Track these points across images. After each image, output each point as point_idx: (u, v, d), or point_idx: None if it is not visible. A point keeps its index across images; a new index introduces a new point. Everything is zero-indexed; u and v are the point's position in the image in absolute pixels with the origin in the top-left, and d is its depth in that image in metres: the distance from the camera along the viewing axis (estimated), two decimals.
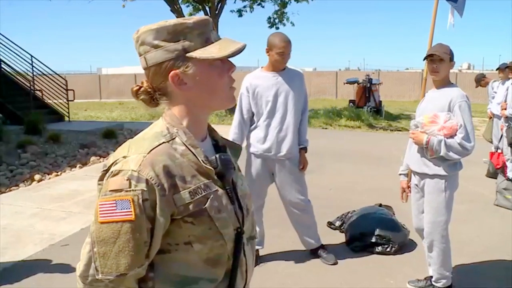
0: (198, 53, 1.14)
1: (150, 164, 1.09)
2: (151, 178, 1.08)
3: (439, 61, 3.17)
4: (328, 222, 4.85)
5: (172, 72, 1.15)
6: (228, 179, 1.23)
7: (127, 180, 1.08)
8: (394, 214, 4.79)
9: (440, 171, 3.19)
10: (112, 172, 1.11)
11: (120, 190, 1.07)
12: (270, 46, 3.67)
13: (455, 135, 3.10)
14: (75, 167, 8.17)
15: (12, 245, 4.45)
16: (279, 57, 3.65)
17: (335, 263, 4.01)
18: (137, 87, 1.24)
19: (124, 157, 1.13)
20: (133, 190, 1.07)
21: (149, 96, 1.23)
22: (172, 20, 1.16)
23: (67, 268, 3.80)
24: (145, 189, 1.07)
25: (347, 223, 4.59)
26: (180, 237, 1.14)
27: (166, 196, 1.09)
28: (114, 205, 1.07)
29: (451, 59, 3.21)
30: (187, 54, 1.14)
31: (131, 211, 1.06)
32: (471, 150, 3.11)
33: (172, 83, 1.16)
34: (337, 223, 4.82)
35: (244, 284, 1.31)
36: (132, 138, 1.23)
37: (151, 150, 1.12)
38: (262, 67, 3.90)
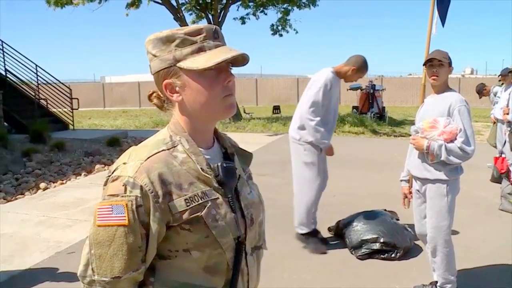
0: (186, 64, 1.15)
1: (145, 171, 1.11)
2: (145, 184, 1.10)
3: (438, 65, 3.21)
4: (329, 228, 4.85)
5: (164, 81, 1.19)
6: (230, 187, 1.23)
7: (123, 185, 1.11)
8: (398, 219, 4.79)
9: (442, 175, 3.21)
10: (112, 177, 1.14)
11: (117, 195, 1.10)
12: (360, 69, 4.23)
13: (455, 139, 3.13)
14: (80, 175, 8.22)
15: (19, 253, 4.48)
16: (356, 79, 4.34)
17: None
18: (151, 92, 1.29)
19: (124, 163, 1.15)
20: (127, 195, 1.10)
21: (160, 101, 1.27)
22: (166, 30, 1.19)
23: (73, 276, 3.78)
24: (139, 195, 1.10)
25: (348, 228, 4.54)
26: (179, 244, 1.16)
27: (160, 203, 1.11)
28: (110, 209, 1.10)
29: (450, 64, 3.26)
30: (177, 64, 1.16)
31: (125, 216, 1.09)
32: (471, 154, 3.13)
33: (165, 92, 1.20)
34: (333, 228, 4.81)
35: None
36: (136, 145, 1.26)
37: (148, 157, 1.14)
38: (335, 70, 4.29)
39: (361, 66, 4.21)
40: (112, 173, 1.16)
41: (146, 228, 1.11)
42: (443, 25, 4.22)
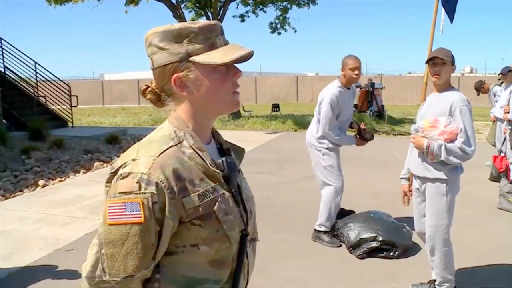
0: (200, 58, 1.15)
1: (160, 167, 1.10)
2: (161, 181, 1.09)
3: (441, 64, 3.18)
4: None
5: (174, 75, 1.17)
6: (234, 182, 1.25)
7: (136, 182, 1.08)
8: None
9: (441, 175, 3.20)
10: (121, 174, 1.12)
11: (130, 193, 1.08)
12: (347, 65, 4.45)
13: (456, 139, 3.12)
14: (79, 172, 8.21)
15: (17, 250, 4.47)
16: (355, 76, 4.45)
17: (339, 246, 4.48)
18: (145, 87, 1.27)
19: (134, 159, 1.14)
20: (143, 192, 1.08)
21: (156, 97, 1.26)
22: (178, 23, 1.18)
23: (72, 273, 3.82)
24: (155, 192, 1.08)
25: (345, 227, 4.52)
26: (187, 239, 1.15)
27: (175, 199, 1.11)
28: (124, 207, 1.07)
29: (453, 63, 3.22)
30: (190, 58, 1.16)
31: (140, 214, 1.07)
32: (471, 155, 3.12)
33: (174, 86, 1.18)
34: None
35: (246, 284, 1.34)
36: (136, 142, 1.25)
37: (161, 153, 1.13)
38: (340, 82, 4.61)
39: (346, 62, 4.46)
40: (117, 170, 1.15)
41: (160, 225, 1.10)
42: (451, 22, 4.21)
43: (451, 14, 4.18)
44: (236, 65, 1.23)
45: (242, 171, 1.42)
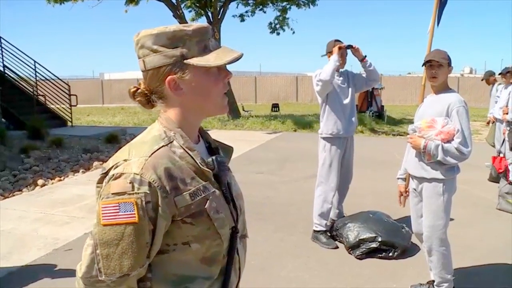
0: (195, 61, 1.17)
1: (152, 167, 1.12)
2: (153, 181, 1.10)
3: (437, 66, 3.21)
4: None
5: (169, 77, 1.18)
6: (224, 180, 1.27)
7: (129, 183, 1.10)
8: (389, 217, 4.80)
9: (438, 175, 3.21)
10: (113, 175, 1.13)
11: (123, 193, 1.09)
12: (328, 49, 4.53)
13: (453, 140, 3.13)
14: (78, 172, 8.21)
15: (16, 249, 4.47)
16: (340, 55, 4.41)
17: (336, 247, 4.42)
18: (135, 89, 1.27)
19: (125, 160, 1.15)
20: (136, 193, 1.09)
21: (145, 98, 1.26)
22: (172, 26, 1.19)
23: (70, 273, 3.79)
24: (148, 191, 1.10)
25: (345, 228, 4.52)
26: (178, 237, 1.17)
27: (168, 198, 1.12)
28: (117, 207, 1.09)
29: (449, 64, 3.25)
30: (185, 61, 1.17)
31: (134, 214, 1.08)
32: (468, 155, 3.13)
33: (168, 88, 1.19)
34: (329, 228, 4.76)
35: (238, 280, 1.36)
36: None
37: (152, 153, 1.15)
38: None
39: (329, 46, 4.58)
40: (108, 170, 1.16)
41: (153, 224, 1.12)
42: (437, 25, 4.22)
43: (438, 17, 4.20)
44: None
45: (230, 169, 1.44)
